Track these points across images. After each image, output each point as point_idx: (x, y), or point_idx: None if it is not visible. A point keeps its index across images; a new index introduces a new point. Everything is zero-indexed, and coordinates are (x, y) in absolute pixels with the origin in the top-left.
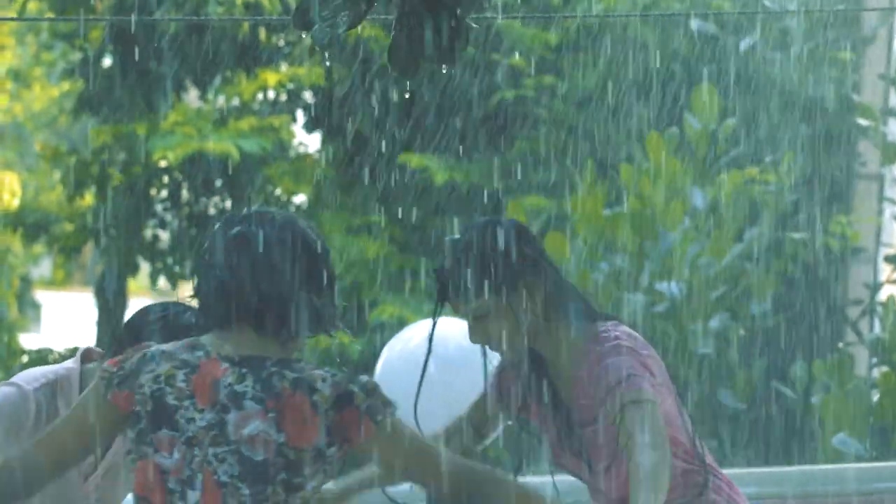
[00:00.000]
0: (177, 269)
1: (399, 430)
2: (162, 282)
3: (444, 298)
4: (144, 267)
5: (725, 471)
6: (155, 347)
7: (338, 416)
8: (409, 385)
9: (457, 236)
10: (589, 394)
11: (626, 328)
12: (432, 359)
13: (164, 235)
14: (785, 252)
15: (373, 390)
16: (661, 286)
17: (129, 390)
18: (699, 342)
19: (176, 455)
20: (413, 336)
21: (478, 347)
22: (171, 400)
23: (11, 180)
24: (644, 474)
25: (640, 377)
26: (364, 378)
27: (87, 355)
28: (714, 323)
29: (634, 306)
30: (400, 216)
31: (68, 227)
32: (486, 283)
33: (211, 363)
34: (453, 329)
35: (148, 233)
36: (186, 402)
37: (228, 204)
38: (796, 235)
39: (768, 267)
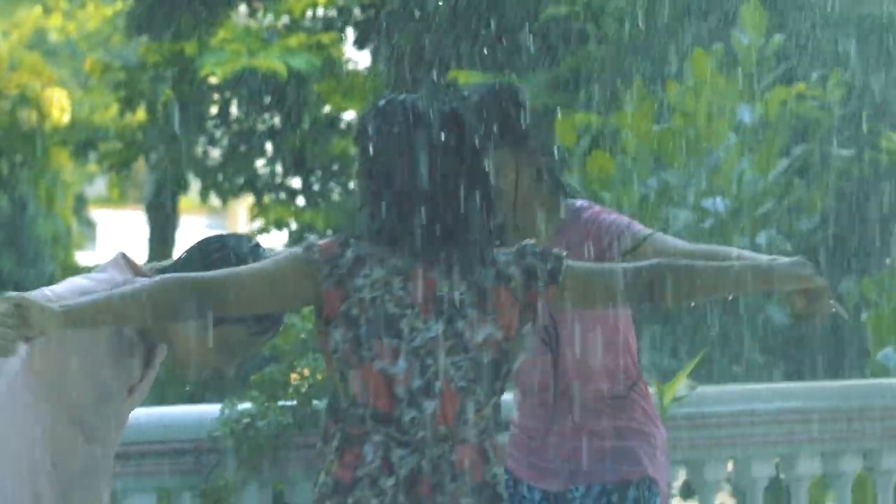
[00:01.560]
0: (227, 185)
1: (575, 274)
2: (212, 198)
3: None
4: (195, 184)
5: (773, 385)
6: (363, 248)
7: (528, 294)
8: None
9: (466, 93)
10: (575, 251)
11: None
12: None
13: (215, 152)
14: (833, 168)
15: (544, 253)
16: (707, 203)
17: (344, 291)
18: None
19: (402, 364)
20: None
21: None
22: (391, 308)
23: (60, 97)
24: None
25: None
26: (529, 244)
27: (134, 267)
28: (761, 239)
29: (682, 223)
30: None
31: (117, 144)
32: (505, 134)
33: (423, 271)
34: None
35: (198, 150)
36: (408, 311)
37: (277, 121)
38: (844, 152)
39: (816, 183)
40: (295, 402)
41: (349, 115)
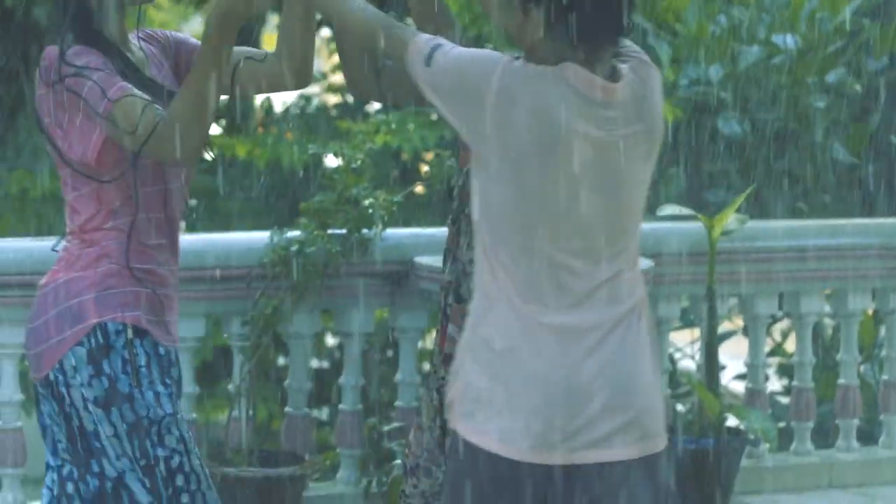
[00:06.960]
0: None
1: None
2: None
3: None
4: None
5: (824, 221)
6: None
7: None
8: None
9: None
10: None
11: None
12: None
13: None
14: None
15: None
16: (778, 39)
17: None
18: (814, 96)
19: None
20: None
21: None
22: None
23: None
24: None
25: None
26: None
27: None
28: (830, 77)
29: (751, 58)
30: None
31: None
32: None
33: None
34: None
35: None
36: None
37: None
38: None
39: (886, 24)
40: (345, 231)
41: None
